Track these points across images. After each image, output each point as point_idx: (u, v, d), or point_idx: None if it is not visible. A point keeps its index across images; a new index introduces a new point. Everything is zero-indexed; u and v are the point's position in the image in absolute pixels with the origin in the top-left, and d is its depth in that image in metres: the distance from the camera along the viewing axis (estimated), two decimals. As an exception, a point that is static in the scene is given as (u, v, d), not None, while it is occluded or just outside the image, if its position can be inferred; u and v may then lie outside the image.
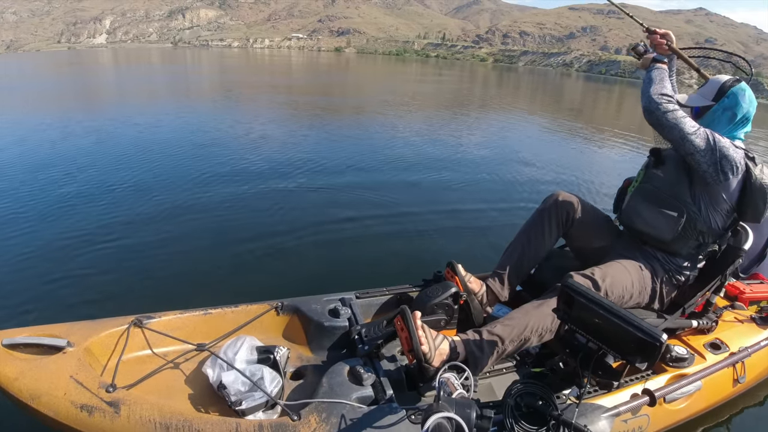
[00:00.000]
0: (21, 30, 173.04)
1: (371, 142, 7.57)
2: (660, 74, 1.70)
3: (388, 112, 11.56)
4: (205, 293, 2.69)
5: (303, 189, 4.89)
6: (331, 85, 20.66)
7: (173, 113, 10.00)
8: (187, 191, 4.57)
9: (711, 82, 1.71)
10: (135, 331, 1.61)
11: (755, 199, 1.59)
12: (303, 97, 15.00)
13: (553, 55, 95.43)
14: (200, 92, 16.18)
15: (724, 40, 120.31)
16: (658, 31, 1.84)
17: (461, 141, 8.30)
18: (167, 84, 18.59)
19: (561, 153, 7.98)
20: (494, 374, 1.83)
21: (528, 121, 12.30)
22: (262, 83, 19.88)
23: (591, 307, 1.18)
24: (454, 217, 4.37)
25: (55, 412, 1.27)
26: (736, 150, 1.57)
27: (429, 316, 1.71)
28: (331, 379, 1.45)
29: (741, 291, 2.18)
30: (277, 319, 1.85)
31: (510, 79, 37.72)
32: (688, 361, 1.76)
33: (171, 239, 3.46)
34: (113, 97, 14.33)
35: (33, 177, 4.75)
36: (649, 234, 1.73)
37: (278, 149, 6.68)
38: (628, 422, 1.52)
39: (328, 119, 10.29)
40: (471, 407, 1.11)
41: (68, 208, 3.95)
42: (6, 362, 1.36)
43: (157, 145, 6.56)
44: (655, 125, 1.64)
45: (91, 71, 25.76)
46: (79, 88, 16.34)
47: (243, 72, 27.95)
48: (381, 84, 23.09)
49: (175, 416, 1.28)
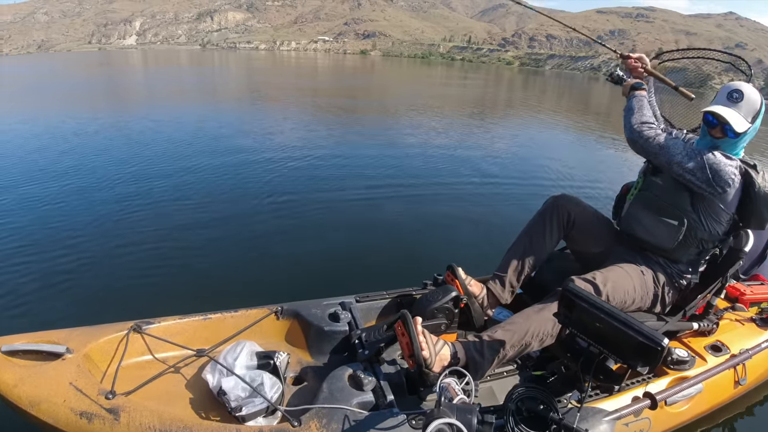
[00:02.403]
0: (52, 30, 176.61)
1: (375, 146, 7.56)
2: (639, 102, 1.71)
3: (404, 116, 11.46)
4: (205, 298, 2.68)
5: (303, 192, 4.89)
6: (354, 88, 20.66)
7: (193, 114, 10.08)
8: (184, 196, 4.56)
9: (748, 101, 1.55)
10: (134, 337, 1.60)
11: (759, 207, 1.57)
12: (324, 99, 15.10)
13: (580, 58, 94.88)
14: (225, 94, 16.36)
15: (754, 45, 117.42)
16: (632, 56, 1.89)
17: (467, 143, 8.27)
18: (194, 85, 19.03)
19: (570, 155, 7.94)
20: (495, 378, 1.82)
21: (547, 125, 11.93)
22: (287, 85, 20.12)
23: (592, 311, 1.17)
24: (454, 219, 4.37)
25: (55, 419, 1.27)
26: (728, 163, 1.53)
27: (429, 320, 1.70)
28: (331, 384, 1.44)
29: (741, 293, 2.17)
30: (277, 323, 1.85)
31: (536, 83, 37.52)
32: (689, 363, 1.75)
33: (169, 244, 3.45)
34: (140, 97, 14.69)
35: (33, 180, 4.74)
36: (649, 242, 1.73)
37: (283, 152, 6.66)
38: (630, 425, 1.51)
39: (338, 122, 10.30)
40: (472, 412, 1.10)
41: (67, 213, 3.95)
42: (5, 369, 1.36)
43: (160, 147, 6.57)
44: (641, 153, 1.66)
45: (120, 72, 26.64)
46: (108, 89, 16.84)
47: (269, 74, 28.34)
48: (403, 87, 22.96)
49: (175, 423, 1.27)
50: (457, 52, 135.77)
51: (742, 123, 1.54)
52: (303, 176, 5.45)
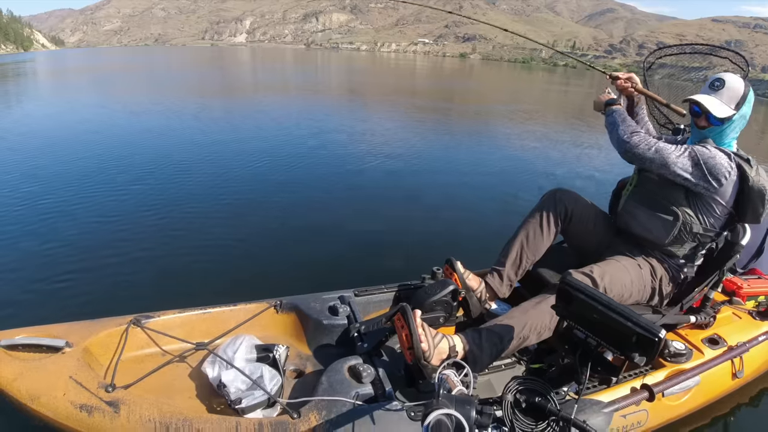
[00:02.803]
0: (168, 25, 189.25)
1: (376, 144, 7.56)
2: (620, 115, 1.71)
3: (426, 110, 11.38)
4: (204, 292, 2.68)
5: (302, 187, 4.89)
6: (442, 91, 20.52)
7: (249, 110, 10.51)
8: (183, 189, 4.56)
9: (729, 88, 1.59)
10: (134, 331, 1.61)
11: (754, 201, 1.58)
12: (405, 98, 15.22)
13: (693, 69, 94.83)
14: (324, 91, 17.05)
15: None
16: (621, 76, 1.89)
17: (486, 143, 8.22)
18: (299, 82, 20.40)
19: (569, 150, 7.96)
20: (493, 370, 1.83)
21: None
22: (384, 84, 20.85)
23: (590, 303, 1.18)
24: (452, 213, 4.37)
25: (55, 412, 1.27)
26: (722, 156, 1.54)
27: (427, 313, 1.71)
28: (330, 376, 1.45)
29: (739, 286, 2.19)
30: (276, 317, 1.86)
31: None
32: (686, 356, 1.76)
33: (169, 238, 3.45)
34: (233, 90, 16.13)
35: (32, 179, 4.73)
36: (645, 237, 1.74)
37: (284, 147, 6.66)
38: (627, 417, 1.52)
39: (352, 116, 10.26)
40: (471, 404, 1.11)
41: (67, 207, 3.94)
42: (5, 363, 1.36)
43: (165, 142, 6.57)
44: (637, 162, 1.65)
45: (233, 66, 29.23)
46: (217, 81, 19.22)
47: (369, 74, 29.29)
48: (489, 91, 22.43)
49: (175, 415, 1.28)
50: (560, 57, 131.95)
51: (723, 109, 1.58)
52: (303, 171, 5.45)
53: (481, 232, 3.93)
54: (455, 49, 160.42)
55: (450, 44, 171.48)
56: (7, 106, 10.82)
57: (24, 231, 3.44)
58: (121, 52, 63.80)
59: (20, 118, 8.83)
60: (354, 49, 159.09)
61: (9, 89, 15.44)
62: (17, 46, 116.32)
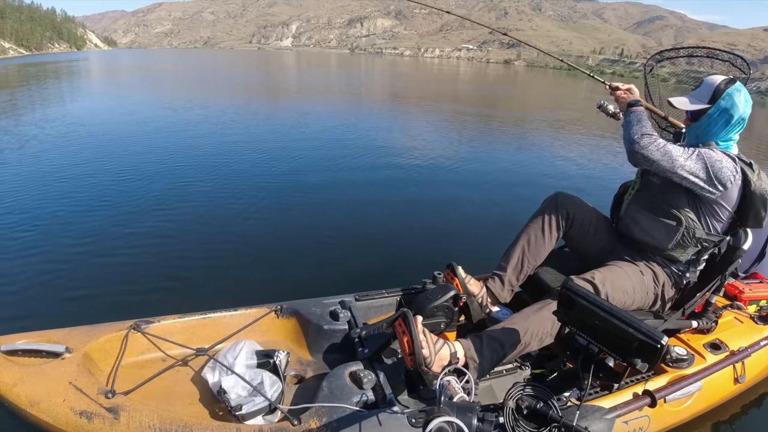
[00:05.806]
0: (217, 29, 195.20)
1: (376, 144, 7.57)
2: (637, 117, 1.70)
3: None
4: (204, 297, 2.68)
5: (302, 192, 4.88)
6: (485, 97, 20.59)
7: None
8: (184, 194, 4.56)
9: (705, 84, 1.66)
10: (134, 336, 1.60)
11: (756, 205, 1.58)
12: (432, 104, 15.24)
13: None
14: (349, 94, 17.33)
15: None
16: (622, 87, 1.89)
17: (491, 147, 8.22)
18: (342, 85, 20.96)
19: (571, 155, 7.96)
20: (495, 376, 1.82)
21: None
22: (424, 90, 20.93)
23: (591, 309, 1.18)
24: (453, 217, 4.37)
25: (54, 418, 1.27)
26: (728, 159, 1.55)
27: (428, 319, 1.70)
28: (331, 382, 1.44)
29: (740, 291, 2.17)
30: (277, 322, 1.85)
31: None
32: (688, 361, 1.75)
33: (169, 243, 3.45)
34: (275, 92, 16.64)
35: (30, 178, 4.74)
36: (647, 243, 1.73)
37: (279, 151, 6.66)
38: (629, 423, 1.52)
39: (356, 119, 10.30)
40: (472, 411, 1.10)
41: (67, 212, 3.94)
42: (4, 368, 1.36)
43: (164, 143, 6.57)
44: (644, 163, 1.63)
45: (278, 69, 30.71)
46: (262, 83, 19.96)
47: (411, 79, 29.62)
48: (525, 97, 22.34)
49: (175, 422, 1.27)
50: (608, 65, 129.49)
51: (690, 104, 1.66)
52: (303, 176, 5.45)
53: (483, 237, 3.93)
54: (500, 55, 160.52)
55: (494, 50, 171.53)
56: (41, 105, 10.83)
57: (24, 236, 3.44)
58: (171, 54, 67.13)
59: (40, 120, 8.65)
60: (397, 54, 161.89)
61: (62, 86, 16.29)
62: (70, 45, 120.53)
